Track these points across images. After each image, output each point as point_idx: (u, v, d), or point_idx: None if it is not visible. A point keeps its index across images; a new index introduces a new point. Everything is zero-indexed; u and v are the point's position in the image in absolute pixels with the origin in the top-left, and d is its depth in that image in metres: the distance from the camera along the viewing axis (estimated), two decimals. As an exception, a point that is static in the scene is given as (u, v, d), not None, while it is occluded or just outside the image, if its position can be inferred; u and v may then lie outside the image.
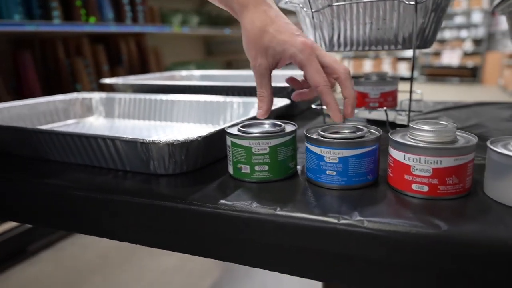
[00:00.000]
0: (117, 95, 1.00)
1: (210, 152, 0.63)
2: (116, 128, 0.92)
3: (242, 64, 3.91)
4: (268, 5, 0.57)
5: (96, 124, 0.96)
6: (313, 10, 0.77)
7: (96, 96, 1.01)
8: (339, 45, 0.81)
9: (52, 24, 2.02)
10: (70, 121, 0.96)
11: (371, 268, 0.44)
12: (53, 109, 0.93)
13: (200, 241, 0.52)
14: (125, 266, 1.92)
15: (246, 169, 0.56)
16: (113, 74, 2.48)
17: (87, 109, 1.00)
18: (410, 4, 0.71)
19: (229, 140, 0.57)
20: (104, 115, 1.00)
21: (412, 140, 0.50)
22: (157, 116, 0.95)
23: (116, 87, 1.17)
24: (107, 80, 1.18)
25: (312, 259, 0.47)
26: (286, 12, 0.61)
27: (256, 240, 0.49)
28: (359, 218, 0.44)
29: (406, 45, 0.78)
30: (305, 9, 0.79)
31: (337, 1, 0.74)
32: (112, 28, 2.34)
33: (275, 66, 0.57)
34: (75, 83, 2.26)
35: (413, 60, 0.78)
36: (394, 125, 0.85)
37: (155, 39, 3.08)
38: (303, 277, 0.48)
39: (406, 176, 0.49)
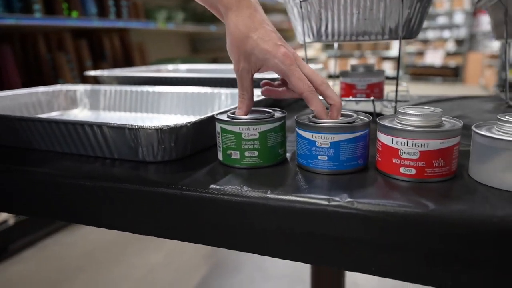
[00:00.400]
0: (103, 87, 0.99)
1: (199, 139, 0.62)
2: (102, 119, 0.91)
3: (227, 61, 3.88)
4: (253, 8, 0.57)
5: (80, 116, 0.94)
6: (301, 0, 0.77)
7: (81, 88, 1.00)
8: (326, 36, 0.82)
9: (33, 18, 1.98)
10: (54, 113, 0.94)
11: (361, 249, 0.44)
12: (36, 101, 0.91)
13: (191, 226, 0.52)
14: (111, 264, 1.91)
15: (236, 155, 0.56)
16: (96, 69, 2.44)
17: (71, 101, 0.99)
18: (396, -6, 0.72)
19: (218, 126, 0.57)
20: (89, 107, 0.99)
21: (399, 124, 0.50)
22: (144, 108, 0.95)
23: (101, 80, 1.16)
24: (92, 72, 1.16)
25: (303, 242, 0.47)
26: (272, 8, 0.61)
27: (247, 224, 0.49)
28: (349, 199, 0.45)
29: (392, 35, 0.79)
30: None
31: (324, -9, 0.75)
32: (95, 23, 2.31)
33: (257, 70, 0.58)
34: (58, 78, 2.23)
35: (399, 51, 0.79)
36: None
37: (139, 35, 3.05)
38: (294, 260, 0.49)
39: (394, 160, 0.50)
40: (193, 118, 0.84)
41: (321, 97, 0.56)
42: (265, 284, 1.75)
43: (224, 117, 0.58)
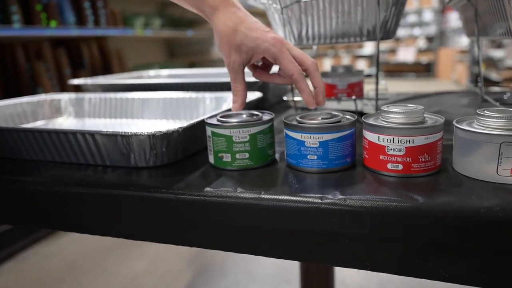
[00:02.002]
0: (87, 95, 0.99)
1: (190, 143, 0.64)
2: (88, 127, 0.91)
3: (205, 65, 3.92)
4: (236, 7, 0.61)
5: (66, 124, 0.94)
6: (282, 7, 0.79)
7: (65, 97, 0.99)
8: (307, 39, 0.84)
9: (11, 29, 1.98)
10: (38, 123, 0.94)
11: (355, 244, 0.46)
12: (21, 111, 0.91)
13: (186, 230, 0.53)
14: (94, 273, 1.89)
15: (227, 157, 0.57)
16: (75, 77, 2.43)
17: (56, 110, 0.98)
18: (373, -2, 0.75)
19: (209, 130, 0.58)
20: (74, 115, 0.99)
21: (385, 122, 0.52)
22: (129, 114, 0.95)
23: (84, 88, 1.16)
24: (75, 81, 1.16)
25: (298, 240, 0.48)
26: (254, 11, 0.64)
27: (242, 226, 0.50)
28: (341, 196, 0.46)
29: (370, 37, 0.81)
30: (274, 6, 0.81)
31: (304, -3, 0.77)
32: (74, 31, 2.30)
33: (249, 61, 0.61)
34: (36, 87, 2.21)
35: (377, 52, 0.82)
36: (362, 114, 0.89)
37: (117, 42, 3.04)
38: (289, 259, 0.50)
39: (381, 157, 0.52)
40: (179, 123, 0.85)
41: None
42: (252, 286, 1.76)
43: (214, 121, 0.59)
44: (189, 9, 0.65)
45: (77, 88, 1.18)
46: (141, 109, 0.95)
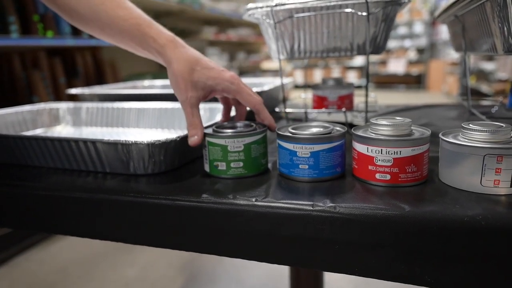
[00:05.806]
0: (84, 105, 1.01)
1: (186, 152, 0.66)
2: (85, 135, 0.94)
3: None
4: (186, 47, 0.64)
5: (64, 133, 0.96)
6: (275, 22, 0.82)
7: (63, 106, 1.02)
8: (299, 53, 0.87)
9: (9, 38, 2.03)
10: (38, 131, 0.96)
11: (344, 250, 0.48)
12: (21, 119, 0.93)
13: (183, 235, 0.55)
14: (86, 279, 1.89)
15: (222, 166, 0.60)
16: (69, 86, 2.46)
17: (55, 119, 1.00)
18: (363, 15, 0.78)
19: (205, 139, 0.61)
20: (72, 124, 1.01)
21: (373, 134, 0.55)
22: (125, 123, 0.97)
23: (81, 97, 1.18)
24: (73, 91, 1.18)
25: (290, 246, 0.51)
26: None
27: (237, 230, 0.52)
28: (331, 204, 0.49)
29: (360, 51, 0.84)
30: (267, 21, 0.84)
31: (297, 13, 0.80)
32: (69, 41, 2.34)
33: (205, 98, 0.65)
34: (32, 95, 2.23)
35: (367, 66, 0.85)
36: (352, 126, 0.92)
37: (111, 52, 3.06)
38: (281, 264, 0.52)
39: (370, 167, 0.54)
40: (174, 132, 0.87)
41: None
42: (244, 293, 1.77)
43: (210, 131, 0.62)
44: (133, 50, 0.68)
45: (72, 97, 1.20)
46: (136, 119, 0.97)
